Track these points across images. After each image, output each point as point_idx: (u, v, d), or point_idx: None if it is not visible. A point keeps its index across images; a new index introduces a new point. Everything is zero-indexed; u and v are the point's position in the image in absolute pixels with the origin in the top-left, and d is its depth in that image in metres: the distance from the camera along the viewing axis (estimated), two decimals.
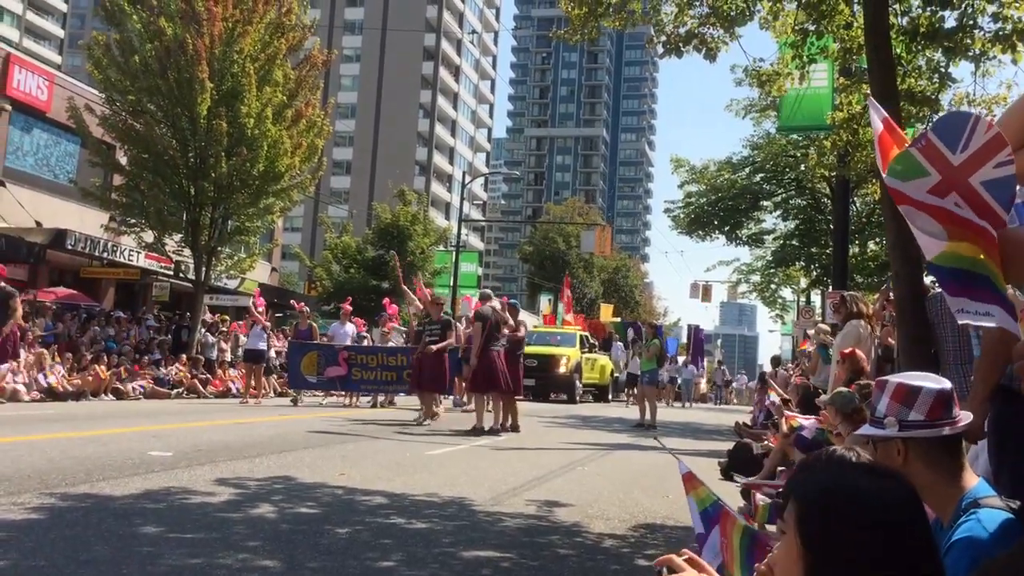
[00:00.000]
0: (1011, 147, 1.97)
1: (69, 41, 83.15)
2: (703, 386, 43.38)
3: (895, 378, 2.28)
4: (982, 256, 1.90)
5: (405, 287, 17.54)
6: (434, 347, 13.59)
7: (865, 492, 1.50)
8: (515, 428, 12.82)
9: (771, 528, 4.52)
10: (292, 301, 20.50)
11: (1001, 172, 1.79)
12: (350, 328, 18.73)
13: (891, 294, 7.52)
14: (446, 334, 13.92)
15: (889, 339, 8.19)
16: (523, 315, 16.05)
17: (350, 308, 19.49)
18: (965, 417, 2.21)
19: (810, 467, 1.62)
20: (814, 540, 1.49)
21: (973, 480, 2.19)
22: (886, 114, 2.21)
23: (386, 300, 21.79)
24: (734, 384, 48.24)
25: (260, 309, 18.83)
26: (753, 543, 2.80)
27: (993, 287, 1.93)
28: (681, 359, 36.95)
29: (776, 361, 21.69)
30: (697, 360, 37.91)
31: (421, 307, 15.68)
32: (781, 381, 15.32)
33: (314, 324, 19.34)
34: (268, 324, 19.28)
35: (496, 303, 13.42)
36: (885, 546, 1.45)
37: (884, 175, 1.98)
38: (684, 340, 41.58)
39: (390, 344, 18.21)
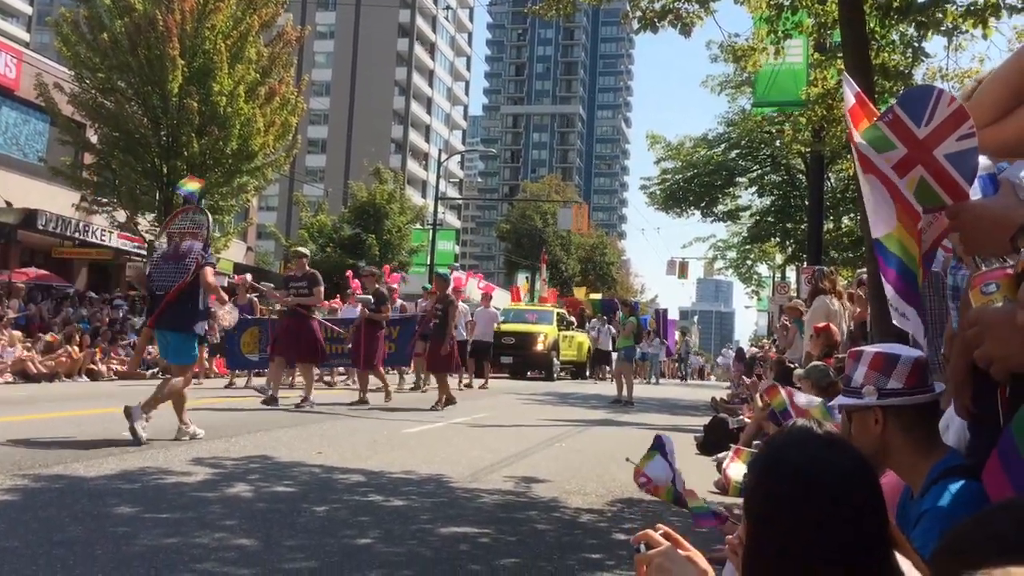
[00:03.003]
0: (988, 119, 1.98)
1: (37, 18, 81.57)
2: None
3: (871, 348, 2.31)
4: (917, 256, 1.95)
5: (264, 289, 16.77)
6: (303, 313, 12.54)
7: (809, 464, 1.42)
8: (387, 397, 13.18)
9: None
10: (234, 275, 19.43)
11: (963, 145, 1.83)
12: None
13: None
14: (312, 290, 12.60)
15: (866, 315, 8.26)
16: (497, 294, 15.85)
17: None
18: (939, 387, 2.23)
19: (767, 442, 1.63)
20: (753, 510, 1.46)
21: (944, 450, 2.21)
22: (859, 89, 2.23)
23: (349, 272, 21.09)
24: (719, 360, 48.14)
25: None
26: (677, 500, 3.25)
27: (916, 289, 1.97)
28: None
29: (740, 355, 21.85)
30: (666, 338, 38.00)
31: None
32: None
33: (255, 298, 17.79)
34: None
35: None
36: (827, 519, 1.40)
37: (855, 141, 2.00)
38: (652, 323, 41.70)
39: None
